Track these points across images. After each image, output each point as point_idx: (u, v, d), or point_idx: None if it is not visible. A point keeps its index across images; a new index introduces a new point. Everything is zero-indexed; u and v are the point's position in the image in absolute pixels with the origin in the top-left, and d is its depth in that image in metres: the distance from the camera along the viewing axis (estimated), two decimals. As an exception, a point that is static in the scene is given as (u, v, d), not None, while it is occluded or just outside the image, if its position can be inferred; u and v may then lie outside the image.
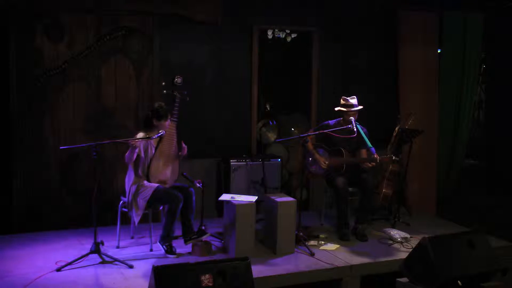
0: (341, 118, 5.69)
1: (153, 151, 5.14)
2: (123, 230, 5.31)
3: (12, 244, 5.24)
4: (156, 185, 5.04)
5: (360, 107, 5.65)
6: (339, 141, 5.66)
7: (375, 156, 5.45)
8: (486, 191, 7.81)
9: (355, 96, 5.69)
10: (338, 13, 6.80)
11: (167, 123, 5.15)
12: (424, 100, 7.03)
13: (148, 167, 5.09)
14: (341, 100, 5.70)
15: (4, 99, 5.59)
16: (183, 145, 5.25)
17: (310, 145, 5.72)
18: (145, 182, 5.05)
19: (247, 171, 6.29)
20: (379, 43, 7.04)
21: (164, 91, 5.36)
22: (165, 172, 5.18)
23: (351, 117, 5.60)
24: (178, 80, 5.36)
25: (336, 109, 5.70)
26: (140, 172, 5.05)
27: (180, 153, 5.27)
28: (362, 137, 5.61)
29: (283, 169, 6.59)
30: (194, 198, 5.18)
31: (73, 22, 5.66)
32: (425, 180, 7.07)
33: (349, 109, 5.62)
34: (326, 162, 5.67)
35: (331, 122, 5.76)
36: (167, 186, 5.15)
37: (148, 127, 5.13)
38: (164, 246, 5.05)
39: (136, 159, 5.00)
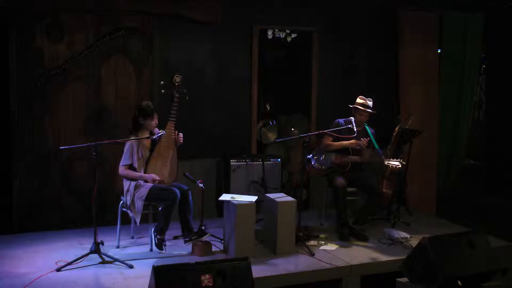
0: (351, 118, 5.68)
1: (145, 152, 5.13)
2: (123, 230, 5.31)
3: (12, 244, 5.24)
4: (151, 184, 5.05)
5: (374, 111, 5.69)
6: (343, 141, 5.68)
7: (382, 157, 5.47)
8: (486, 191, 7.80)
9: (371, 99, 5.72)
10: (338, 13, 6.81)
11: (154, 122, 5.15)
12: (424, 100, 7.04)
13: (146, 167, 5.10)
14: (359, 98, 5.73)
15: (4, 99, 5.58)
16: (179, 134, 5.24)
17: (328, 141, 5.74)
18: (142, 182, 5.06)
19: (247, 171, 6.28)
20: (379, 43, 7.03)
21: (163, 91, 5.34)
22: (163, 172, 5.17)
23: (360, 118, 5.65)
24: (177, 79, 5.34)
25: (351, 106, 5.72)
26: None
27: (177, 142, 5.27)
28: (370, 138, 5.64)
29: (283, 169, 6.58)
30: (191, 198, 5.17)
31: (73, 22, 5.65)
32: (425, 180, 7.07)
33: (365, 109, 5.65)
34: (337, 160, 5.68)
35: (341, 120, 5.75)
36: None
37: (135, 127, 5.13)
38: (155, 239, 5.06)
39: (130, 166, 5.07)
